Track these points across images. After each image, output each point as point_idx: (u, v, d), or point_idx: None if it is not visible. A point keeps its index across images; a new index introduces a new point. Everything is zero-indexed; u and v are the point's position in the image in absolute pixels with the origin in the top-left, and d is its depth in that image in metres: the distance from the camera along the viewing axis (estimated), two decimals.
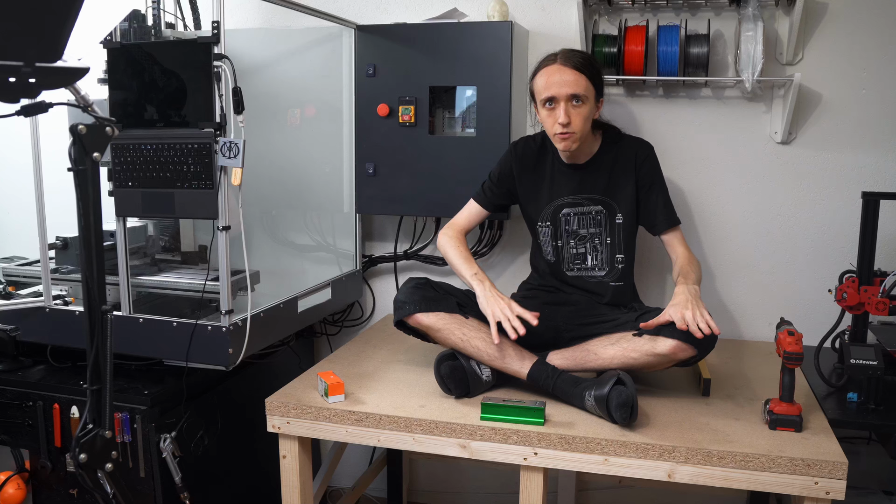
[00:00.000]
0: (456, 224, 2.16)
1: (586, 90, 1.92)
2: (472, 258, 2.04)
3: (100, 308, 1.34)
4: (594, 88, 1.95)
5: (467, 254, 2.05)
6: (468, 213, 2.18)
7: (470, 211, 2.18)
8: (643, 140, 2.11)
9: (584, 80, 1.92)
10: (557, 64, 1.93)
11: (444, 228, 2.15)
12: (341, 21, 2.41)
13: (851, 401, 1.84)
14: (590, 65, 1.94)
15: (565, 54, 1.94)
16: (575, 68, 1.91)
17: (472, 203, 2.18)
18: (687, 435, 1.64)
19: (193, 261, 2.34)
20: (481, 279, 1.93)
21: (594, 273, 2.10)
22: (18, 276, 2.30)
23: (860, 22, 2.22)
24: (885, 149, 2.27)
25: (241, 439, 2.27)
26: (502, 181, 2.14)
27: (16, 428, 2.07)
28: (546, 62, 1.96)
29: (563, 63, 1.92)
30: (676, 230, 2.07)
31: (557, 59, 1.94)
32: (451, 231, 2.13)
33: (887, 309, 1.90)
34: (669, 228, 2.06)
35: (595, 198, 2.06)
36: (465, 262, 2.01)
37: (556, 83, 1.91)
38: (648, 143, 2.10)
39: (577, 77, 1.91)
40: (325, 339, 2.81)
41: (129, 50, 1.89)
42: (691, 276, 1.92)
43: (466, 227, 2.16)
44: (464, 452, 1.72)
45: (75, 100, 1.37)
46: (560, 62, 1.93)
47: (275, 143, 2.52)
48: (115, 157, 1.93)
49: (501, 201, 2.17)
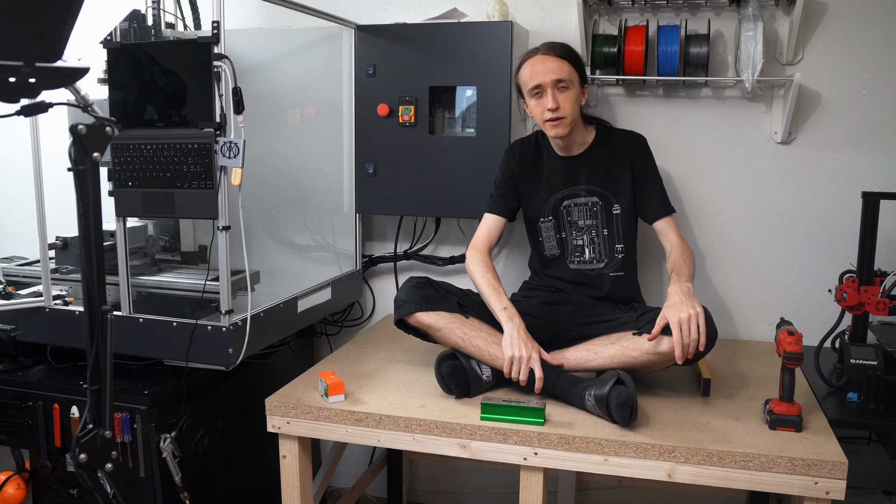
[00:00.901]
0: (479, 243, 2.12)
1: (570, 75, 1.97)
2: (500, 288, 1.98)
3: (100, 308, 1.34)
4: (578, 74, 2.00)
5: (496, 283, 1.99)
6: (487, 227, 2.15)
7: (489, 225, 2.15)
8: (636, 132, 2.14)
9: (567, 65, 1.97)
10: (540, 55, 1.99)
11: (469, 250, 2.11)
12: (341, 21, 2.41)
13: (851, 401, 1.84)
14: (571, 52, 2.01)
15: (547, 45, 2.01)
16: (557, 56, 1.97)
17: (487, 217, 2.16)
18: (687, 435, 1.64)
19: (193, 261, 2.34)
20: (510, 315, 1.88)
21: (593, 266, 2.10)
22: (18, 276, 2.30)
23: (860, 22, 2.22)
24: (885, 149, 2.27)
25: (241, 439, 2.27)
26: (509, 184, 2.15)
27: (16, 428, 2.07)
28: (529, 55, 2.02)
29: (545, 53, 1.99)
30: (670, 219, 2.08)
31: (539, 51, 2.00)
32: (477, 254, 2.08)
33: (887, 309, 1.90)
34: (663, 217, 2.08)
35: (591, 188, 2.08)
36: (495, 292, 1.95)
37: (541, 71, 1.96)
38: (641, 134, 2.13)
39: (560, 63, 1.96)
40: (325, 339, 2.81)
41: (129, 50, 1.89)
42: (684, 271, 1.91)
43: (489, 243, 2.13)
44: (464, 452, 1.72)
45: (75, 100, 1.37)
46: (542, 52, 1.99)
47: (275, 143, 2.52)
48: (115, 157, 1.93)
49: (514, 204, 2.17)
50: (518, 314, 1.90)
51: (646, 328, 1.81)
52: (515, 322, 1.87)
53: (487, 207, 2.17)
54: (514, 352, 1.81)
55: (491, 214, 2.16)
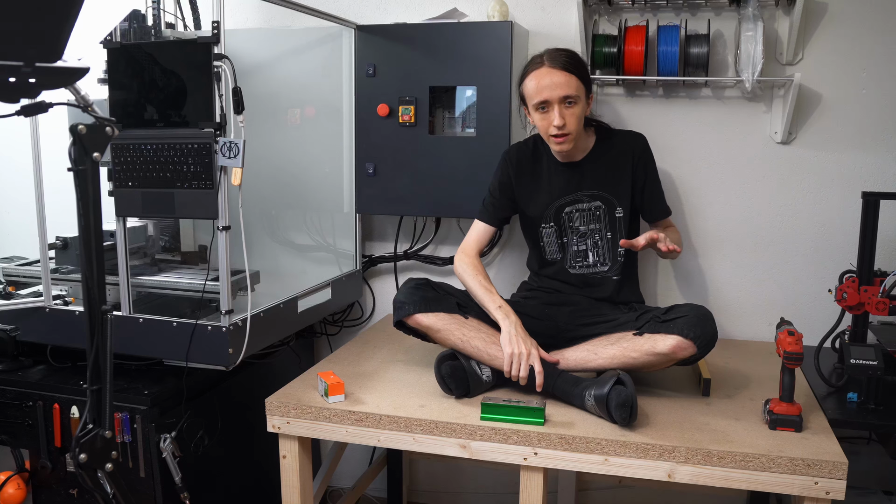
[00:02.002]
0: (467, 248, 2.12)
1: (577, 90, 1.93)
2: (492, 288, 1.99)
3: (100, 308, 1.34)
4: (584, 87, 1.96)
5: (487, 283, 2.00)
6: (476, 233, 2.15)
7: (478, 231, 2.15)
8: (636, 132, 2.13)
9: (574, 79, 1.92)
10: (546, 67, 1.93)
11: (458, 254, 2.12)
12: (341, 21, 2.41)
13: (851, 401, 1.84)
14: (577, 63, 1.95)
15: (551, 55, 1.94)
16: (564, 69, 1.91)
17: (477, 223, 2.16)
18: (687, 435, 1.64)
19: (193, 261, 2.34)
20: (506, 313, 1.89)
21: (597, 269, 2.10)
22: (18, 276, 2.30)
23: (860, 22, 2.22)
24: (885, 149, 2.27)
25: (241, 439, 2.27)
26: (503, 191, 2.13)
27: (16, 428, 2.07)
28: (533, 65, 1.95)
29: (552, 65, 1.92)
30: (668, 221, 2.16)
31: (545, 62, 1.93)
32: (466, 257, 2.09)
33: (887, 309, 1.90)
34: (664, 218, 2.13)
35: (594, 193, 2.07)
36: (487, 292, 1.97)
37: (548, 86, 1.91)
38: (642, 134, 2.11)
39: (567, 78, 1.91)
40: (325, 339, 2.81)
41: (129, 50, 1.89)
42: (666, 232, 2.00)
43: (478, 248, 2.14)
44: (464, 452, 1.72)
45: (75, 100, 1.37)
46: (548, 64, 1.92)
47: (275, 143, 2.52)
48: (115, 157, 1.93)
49: (506, 213, 2.16)
50: (514, 312, 1.90)
51: (646, 328, 1.82)
52: (512, 319, 1.87)
53: (478, 214, 2.16)
54: (514, 348, 1.81)
55: (480, 222, 2.15)
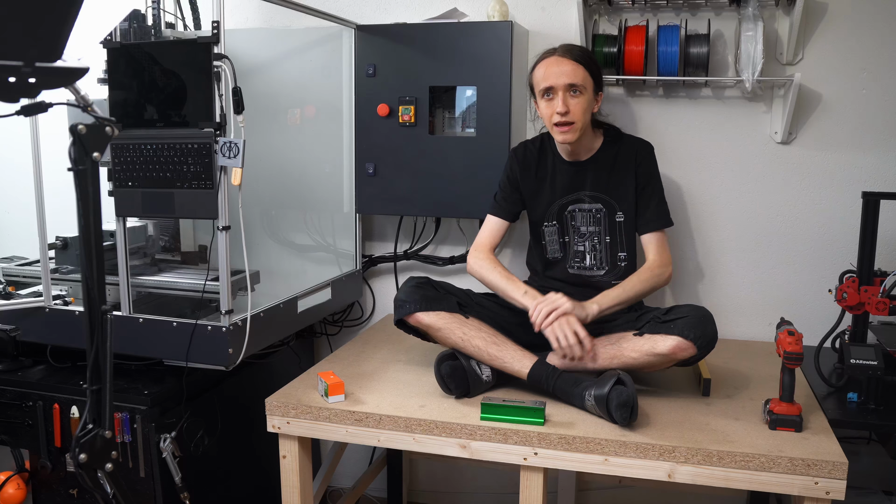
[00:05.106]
0: (481, 244, 2.12)
1: (584, 80, 1.94)
2: (513, 276, 1.99)
3: (100, 308, 1.34)
4: (593, 81, 1.97)
5: (507, 273, 2.00)
6: (489, 229, 2.15)
7: (491, 226, 2.15)
8: (644, 140, 2.11)
9: (583, 70, 1.94)
10: (556, 56, 1.96)
11: (471, 251, 2.12)
12: (341, 21, 2.41)
13: (851, 401, 1.84)
14: (588, 58, 1.98)
15: (565, 47, 1.98)
16: (574, 60, 1.94)
17: (490, 218, 2.16)
18: (687, 435, 1.64)
19: (193, 261, 2.34)
20: (534, 295, 1.90)
21: (593, 272, 2.10)
22: (18, 276, 2.30)
23: (860, 22, 2.22)
24: (885, 149, 2.27)
25: (241, 439, 2.27)
26: (513, 186, 2.14)
27: (16, 428, 2.07)
28: (545, 55, 1.99)
29: (562, 55, 1.96)
30: (660, 234, 2.05)
31: (557, 52, 1.97)
32: (480, 253, 2.09)
33: (887, 309, 1.90)
34: (653, 231, 2.05)
35: (595, 195, 2.07)
36: (509, 281, 1.97)
37: (554, 73, 1.93)
38: (649, 142, 2.10)
39: (575, 67, 1.93)
40: (325, 339, 2.81)
41: (129, 50, 1.89)
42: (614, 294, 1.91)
43: (492, 244, 2.13)
44: (464, 452, 1.72)
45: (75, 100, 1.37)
46: (559, 54, 1.96)
47: (275, 143, 2.52)
48: (115, 157, 1.93)
49: (518, 207, 2.15)
50: (540, 293, 1.90)
51: (646, 329, 1.82)
52: (540, 297, 1.88)
53: (490, 209, 2.16)
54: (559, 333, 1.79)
55: (493, 217, 2.15)
